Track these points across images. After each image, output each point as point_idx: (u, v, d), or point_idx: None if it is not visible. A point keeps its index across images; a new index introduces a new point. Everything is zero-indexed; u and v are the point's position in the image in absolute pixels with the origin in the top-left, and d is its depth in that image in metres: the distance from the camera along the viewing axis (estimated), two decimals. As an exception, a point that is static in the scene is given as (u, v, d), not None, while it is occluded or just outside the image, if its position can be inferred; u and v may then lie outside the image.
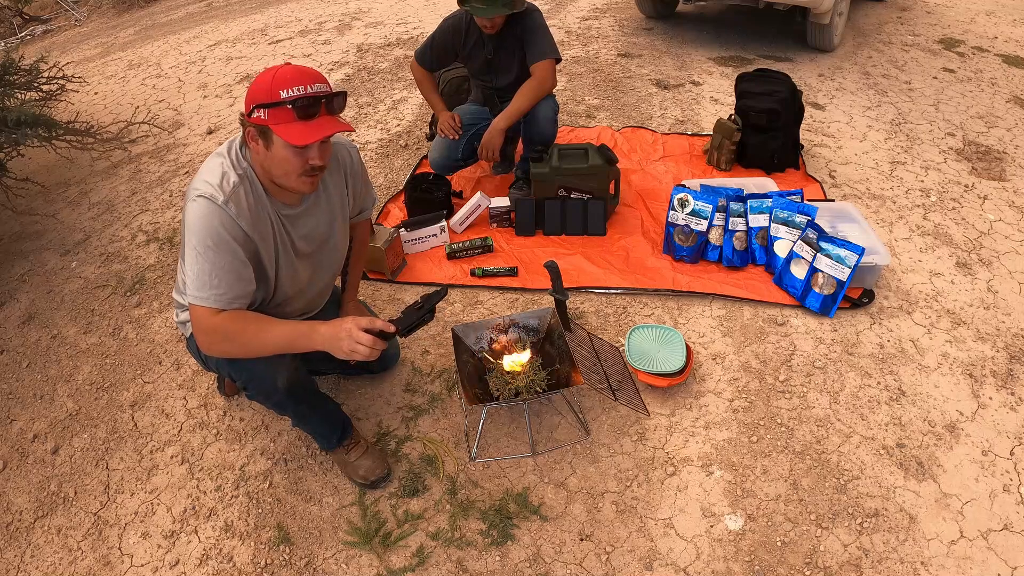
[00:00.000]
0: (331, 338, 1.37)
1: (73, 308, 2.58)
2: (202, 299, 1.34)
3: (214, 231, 1.32)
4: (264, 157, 1.37)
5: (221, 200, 1.33)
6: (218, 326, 1.35)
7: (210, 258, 1.32)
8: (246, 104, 1.34)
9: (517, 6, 2.38)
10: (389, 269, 2.44)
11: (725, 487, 1.69)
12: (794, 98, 2.84)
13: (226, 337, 1.37)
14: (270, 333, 1.39)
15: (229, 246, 1.34)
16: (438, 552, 1.60)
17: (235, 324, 1.36)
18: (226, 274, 1.34)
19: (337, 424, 1.74)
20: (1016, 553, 1.51)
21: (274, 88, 1.30)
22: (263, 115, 1.31)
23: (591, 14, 5.27)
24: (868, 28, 4.72)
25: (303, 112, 1.31)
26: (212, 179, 1.35)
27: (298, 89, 1.30)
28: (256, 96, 1.32)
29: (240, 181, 1.38)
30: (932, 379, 1.94)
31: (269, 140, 1.34)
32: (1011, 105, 3.53)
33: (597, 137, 3.30)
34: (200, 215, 1.33)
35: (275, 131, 1.31)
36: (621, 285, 2.33)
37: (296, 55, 4.94)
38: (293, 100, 1.29)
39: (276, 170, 1.38)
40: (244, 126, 1.37)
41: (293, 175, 1.38)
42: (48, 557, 1.70)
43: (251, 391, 1.57)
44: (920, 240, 2.50)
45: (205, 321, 1.35)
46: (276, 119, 1.31)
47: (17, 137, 2.90)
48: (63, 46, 6.63)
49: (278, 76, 1.31)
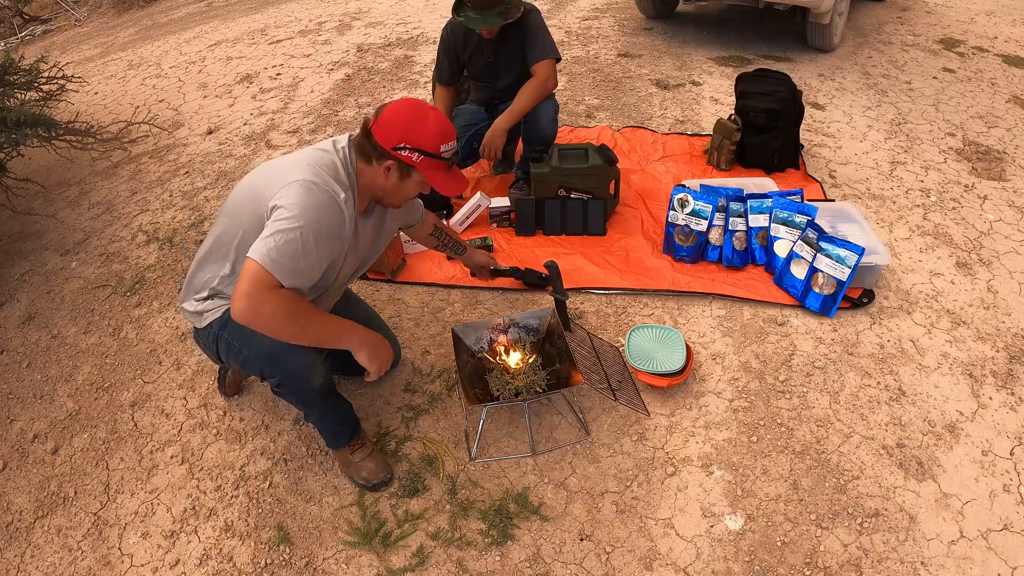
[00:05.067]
0: (375, 345, 1.50)
1: (73, 308, 2.58)
2: (277, 267, 1.29)
3: (325, 222, 1.37)
4: (388, 182, 1.48)
5: (342, 199, 1.40)
6: (274, 296, 1.30)
7: (309, 241, 1.33)
8: (391, 136, 1.41)
9: (511, 15, 2.37)
10: (389, 269, 2.44)
11: (725, 487, 1.69)
12: (794, 98, 2.84)
13: (279, 313, 1.31)
14: (323, 322, 1.44)
15: (329, 242, 1.40)
16: (438, 552, 1.60)
17: (294, 302, 1.34)
18: (311, 262, 1.36)
19: (350, 423, 1.75)
20: (1016, 553, 1.51)
21: (439, 142, 1.44)
22: (415, 158, 1.43)
23: (591, 14, 5.27)
24: (868, 28, 4.72)
25: (450, 165, 1.51)
26: (329, 174, 1.40)
27: (452, 145, 1.48)
28: (414, 139, 1.42)
29: (351, 185, 1.46)
30: (932, 379, 1.94)
31: (408, 176, 1.47)
32: (1011, 105, 3.53)
33: (597, 137, 3.30)
34: (319, 201, 1.36)
35: (424, 175, 1.47)
36: (621, 285, 2.33)
37: (296, 55, 4.94)
38: (450, 159, 1.49)
39: (394, 195, 1.52)
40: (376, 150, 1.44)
41: (403, 201, 1.56)
42: (48, 557, 1.70)
43: (284, 388, 1.58)
44: (920, 240, 2.50)
45: (264, 288, 1.29)
46: (429, 166, 1.46)
47: (17, 137, 2.90)
48: (63, 46, 6.64)
49: (442, 131, 1.45)
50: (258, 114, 4.01)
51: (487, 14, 2.33)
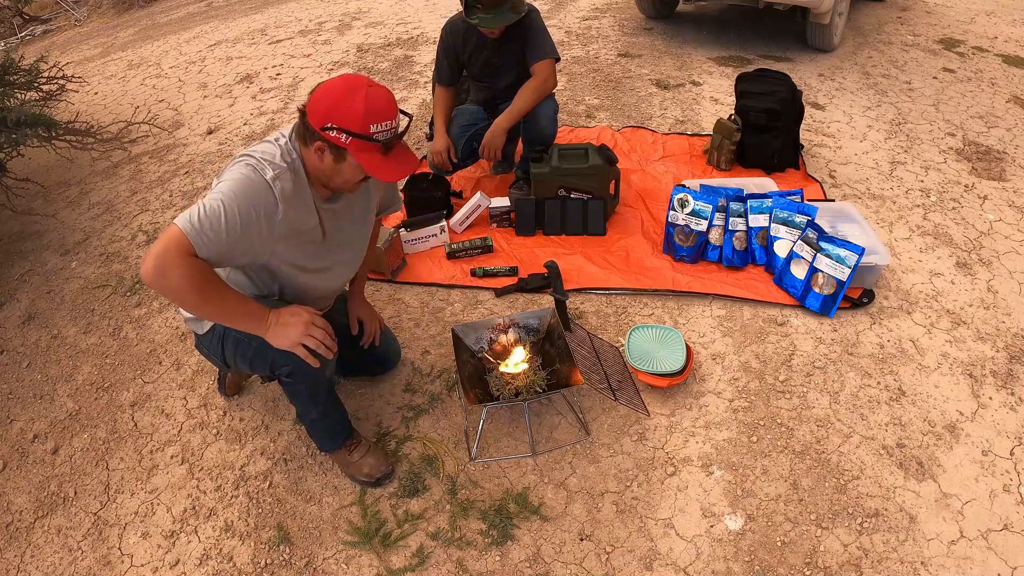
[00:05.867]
0: (284, 324, 1.39)
1: (73, 308, 2.58)
2: (195, 233, 1.25)
3: (249, 196, 1.31)
4: (328, 167, 1.38)
5: (269, 176, 1.33)
6: (187, 263, 1.26)
7: (231, 212, 1.28)
8: (319, 115, 1.31)
9: (520, 9, 2.39)
10: (389, 269, 2.44)
11: (725, 487, 1.69)
12: (794, 98, 2.84)
13: (187, 280, 1.26)
14: (228, 299, 1.36)
15: (253, 219, 1.32)
16: (438, 552, 1.60)
17: (204, 274, 1.30)
18: (233, 238, 1.30)
19: (344, 424, 1.76)
20: (1016, 553, 1.51)
21: (366, 121, 1.30)
22: (344, 139, 1.31)
23: (591, 14, 5.27)
24: (868, 28, 4.72)
25: (387, 147, 1.35)
26: (261, 156, 1.36)
27: (386, 125, 1.33)
28: (340, 118, 1.30)
29: (288, 168, 1.38)
30: (932, 379, 1.94)
31: (342, 158, 1.36)
32: (1011, 105, 3.53)
33: (597, 137, 3.30)
34: (245, 176, 1.32)
35: (357, 159, 1.34)
36: (621, 285, 2.33)
37: (296, 55, 4.94)
38: (385, 140, 1.33)
39: (336, 179, 1.41)
40: (307, 129, 1.35)
41: (350, 184, 1.44)
42: (48, 557, 1.70)
43: (296, 378, 1.53)
44: (920, 240, 2.50)
45: (179, 252, 1.25)
46: (360, 148, 1.33)
47: (17, 137, 2.90)
48: (63, 46, 6.64)
49: (371, 108, 1.30)
50: (258, 114, 4.01)
51: (499, 11, 2.33)
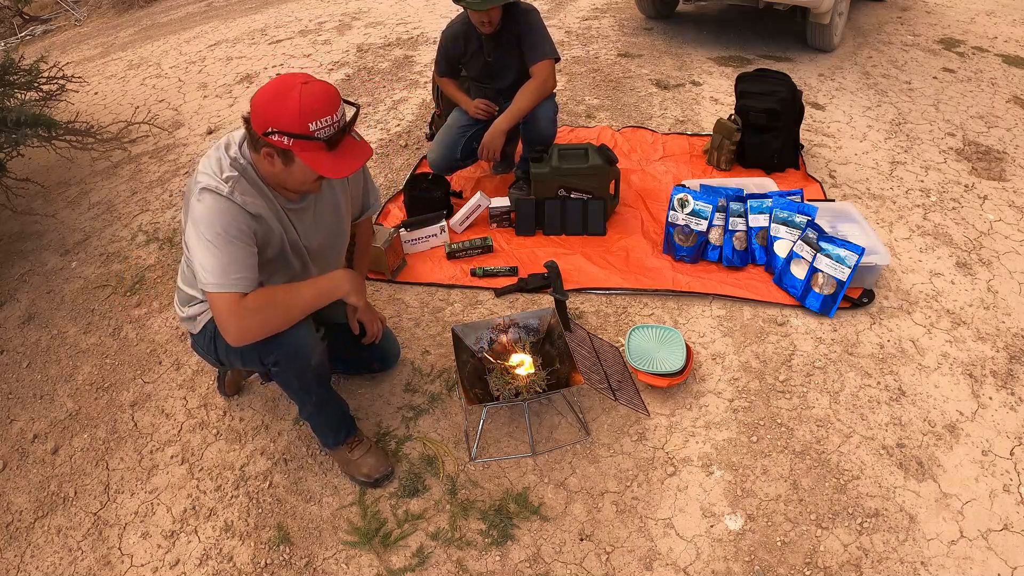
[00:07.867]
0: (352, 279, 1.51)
1: (73, 308, 2.58)
2: (225, 286, 1.32)
3: (225, 222, 1.33)
4: (279, 171, 1.37)
5: (226, 191, 1.34)
6: (250, 304, 1.35)
7: (224, 248, 1.33)
8: (259, 120, 1.30)
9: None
10: (389, 269, 2.44)
11: (725, 487, 1.69)
12: (794, 98, 2.84)
13: (261, 310, 1.37)
14: (300, 292, 1.44)
15: (242, 235, 1.36)
16: (438, 552, 1.60)
17: (266, 296, 1.39)
18: (243, 260, 1.35)
19: (346, 419, 1.75)
20: (1016, 553, 1.51)
21: (303, 121, 1.26)
22: (287, 141, 1.29)
23: (591, 14, 5.27)
24: (868, 28, 4.72)
25: (332, 144, 1.32)
26: (212, 172, 1.36)
27: (327, 120, 1.28)
28: (278, 121, 1.27)
29: (240, 176, 1.38)
30: (932, 379, 1.94)
31: (290, 160, 1.34)
32: (1011, 105, 3.53)
33: (597, 137, 3.30)
34: (209, 208, 1.33)
35: (302, 159, 1.31)
36: (621, 285, 2.33)
37: (296, 55, 4.94)
38: (328, 137, 1.30)
39: (290, 182, 1.41)
40: (252, 136, 1.34)
41: (307, 184, 1.42)
42: (48, 557, 1.70)
43: (282, 368, 1.54)
44: (920, 240, 2.50)
45: (235, 306, 1.33)
46: (303, 148, 1.30)
47: (17, 137, 2.90)
48: (63, 46, 6.63)
49: (305, 107, 1.26)
50: (258, 114, 4.00)
51: None
